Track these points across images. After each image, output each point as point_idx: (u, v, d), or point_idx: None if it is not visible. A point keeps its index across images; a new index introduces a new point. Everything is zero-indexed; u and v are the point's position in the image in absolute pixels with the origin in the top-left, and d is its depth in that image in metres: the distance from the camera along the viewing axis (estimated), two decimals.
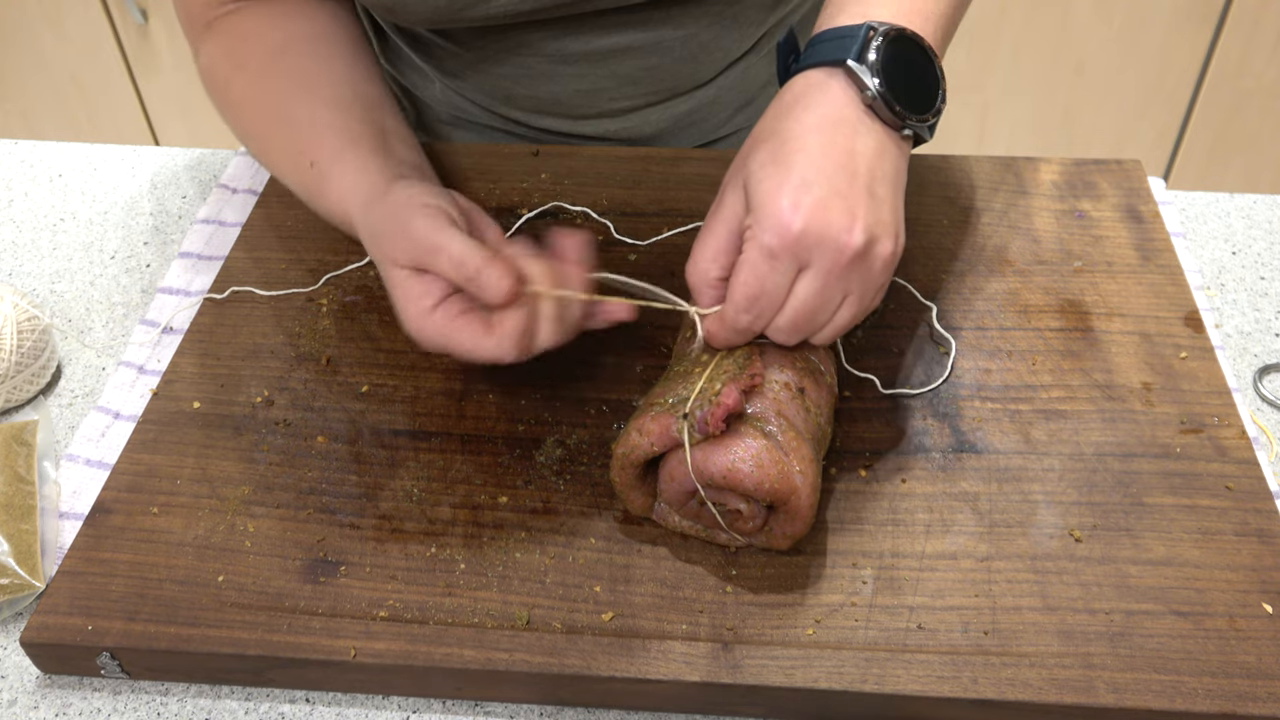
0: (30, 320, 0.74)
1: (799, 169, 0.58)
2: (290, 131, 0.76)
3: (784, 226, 0.57)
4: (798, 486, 0.57)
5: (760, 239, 0.57)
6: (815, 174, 0.57)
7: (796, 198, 0.57)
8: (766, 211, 0.57)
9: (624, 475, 0.61)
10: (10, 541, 0.64)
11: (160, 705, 0.60)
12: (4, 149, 0.96)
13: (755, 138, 0.62)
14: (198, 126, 2.04)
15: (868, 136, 0.60)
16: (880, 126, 0.61)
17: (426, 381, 0.71)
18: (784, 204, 0.57)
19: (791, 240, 0.57)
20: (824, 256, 0.57)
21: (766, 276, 0.58)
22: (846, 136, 0.59)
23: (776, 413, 0.59)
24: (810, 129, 0.59)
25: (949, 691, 0.56)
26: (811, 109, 0.60)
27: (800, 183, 0.57)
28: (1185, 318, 0.73)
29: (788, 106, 0.61)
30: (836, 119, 0.60)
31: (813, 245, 0.57)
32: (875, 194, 0.59)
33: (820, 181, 0.57)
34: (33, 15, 1.91)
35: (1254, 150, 1.89)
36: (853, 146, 0.59)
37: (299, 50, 0.79)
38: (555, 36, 0.82)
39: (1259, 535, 0.62)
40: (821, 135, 0.59)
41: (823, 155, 0.58)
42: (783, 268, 0.58)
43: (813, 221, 0.56)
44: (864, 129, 0.60)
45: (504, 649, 0.58)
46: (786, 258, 0.57)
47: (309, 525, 0.64)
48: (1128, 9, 1.76)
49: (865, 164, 0.59)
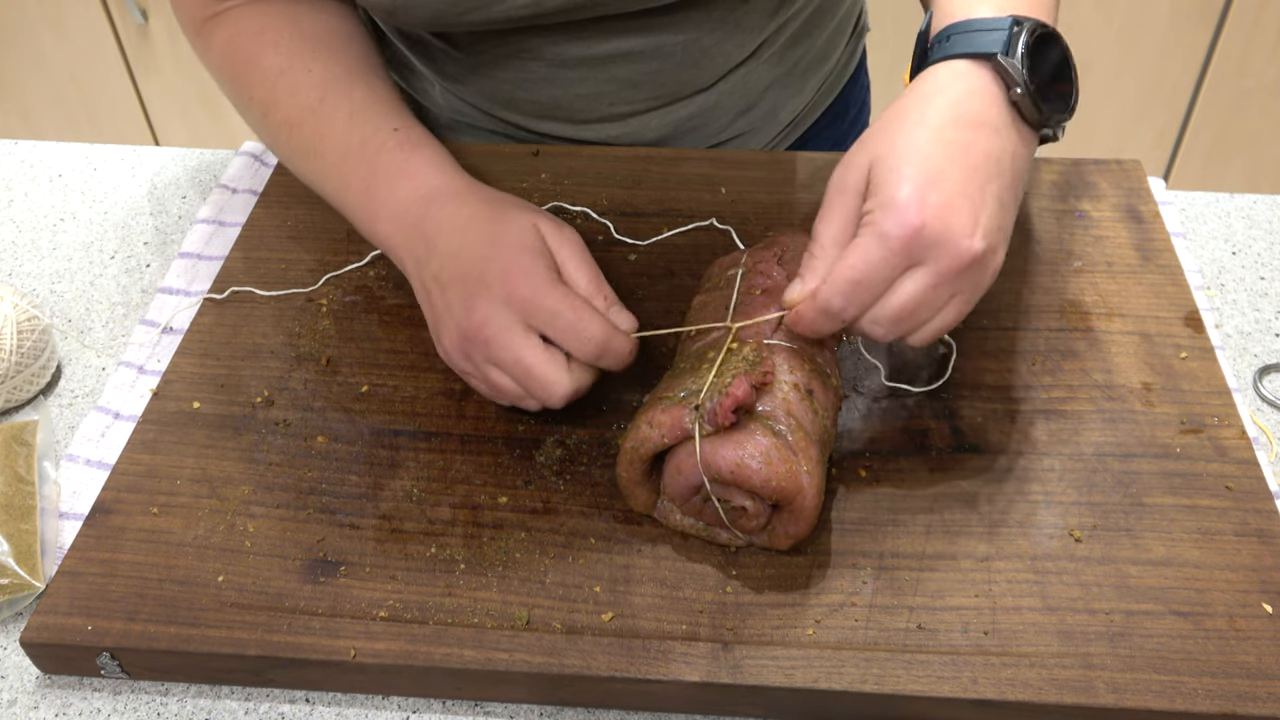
0: (30, 320, 0.74)
1: (932, 164, 0.57)
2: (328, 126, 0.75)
3: (906, 220, 0.56)
4: (804, 486, 0.57)
5: (880, 226, 0.56)
6: (947, 172, 0.57)
7: (924, 194, 0.56)
8: (891, 201, 0.56)
9: (631, 469, 0.61)
10: (10, 541, 0.64)
11: (160, 705, 0.60)
12: (4, 149, 0.96)
13: (882, 122, 0.60)
14: (198, 126, 2.04)
15: (1005, 139, 0.59)
16: (1018, 126, 0.60)
17: (426, 381, 0.71)
18: (910, 197, 0.56)
19: (910, 234, 0.56)
20: (940, 258, 0.56)
21: (875, 266, 0.57)
22: (985, 138, 0.58)
23: (786, 413, 0.59)
24: (949, 122, 0.58)
25: (949, 691, 0.56)
26: (955, 103, 0.59)
27: (930, 179, 0.56)
28: (1185, 318, 0.73)
29: (929, 95, 0.60)
30: (978, 118, 0.59)
31: (931, 244, 0.56)
32: (1002, 201, 0.58)
33: (950, 181, 0.56)
34: (33, 15, 1.91)
35: (1254, 150, 1.89)
36: (989, 149, 0.58)
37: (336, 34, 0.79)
38: (556, 41, 0.82)
39: (1259, 535, 0.62)
40: (960, 133, 0.58)
41: (958, 154, 0.57)
42: (895, 261, 0.57)
43: (936, 221, 0.56)
44: (1004, 129, 0.59)
45: (504, 649, 0.58)
46: (901, 252, 0.56)
47: (309, 525, 0.64)
48: (1128, 9, 1.76)
49: (997, 168, 0.58)
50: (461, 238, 0.67)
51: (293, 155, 0.78)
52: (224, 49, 0.79)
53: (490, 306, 0.63)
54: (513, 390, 0.64)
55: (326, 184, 0.76)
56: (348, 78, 0.77)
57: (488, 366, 0.64)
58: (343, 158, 0.74)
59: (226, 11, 0.80)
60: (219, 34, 0.79)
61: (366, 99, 0.76)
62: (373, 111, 0.75)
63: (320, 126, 0.75)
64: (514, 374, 0.63)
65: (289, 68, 0.77)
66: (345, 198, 0.74)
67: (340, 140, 0.74)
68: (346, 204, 0.74)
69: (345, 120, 0.75)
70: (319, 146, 0.75)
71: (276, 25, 0.78)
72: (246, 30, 0.78)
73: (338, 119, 0.75)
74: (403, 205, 0.71)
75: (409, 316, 0.76)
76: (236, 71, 0.79)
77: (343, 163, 0.74)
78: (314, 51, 0.77)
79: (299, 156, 0.77)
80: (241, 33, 0.79)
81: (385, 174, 0.72)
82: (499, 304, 0.63)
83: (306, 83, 0.76)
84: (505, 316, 0.63)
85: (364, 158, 0.73)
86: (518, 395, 0.65)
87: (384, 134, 0.74)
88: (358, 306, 0.77)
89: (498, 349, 0.63)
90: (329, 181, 0.75)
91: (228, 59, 0.79)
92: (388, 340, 0.74)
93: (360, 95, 0.76)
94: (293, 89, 0.76)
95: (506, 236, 0.66)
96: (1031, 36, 0.60)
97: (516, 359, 0.63)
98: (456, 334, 0.65)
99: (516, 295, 0.63)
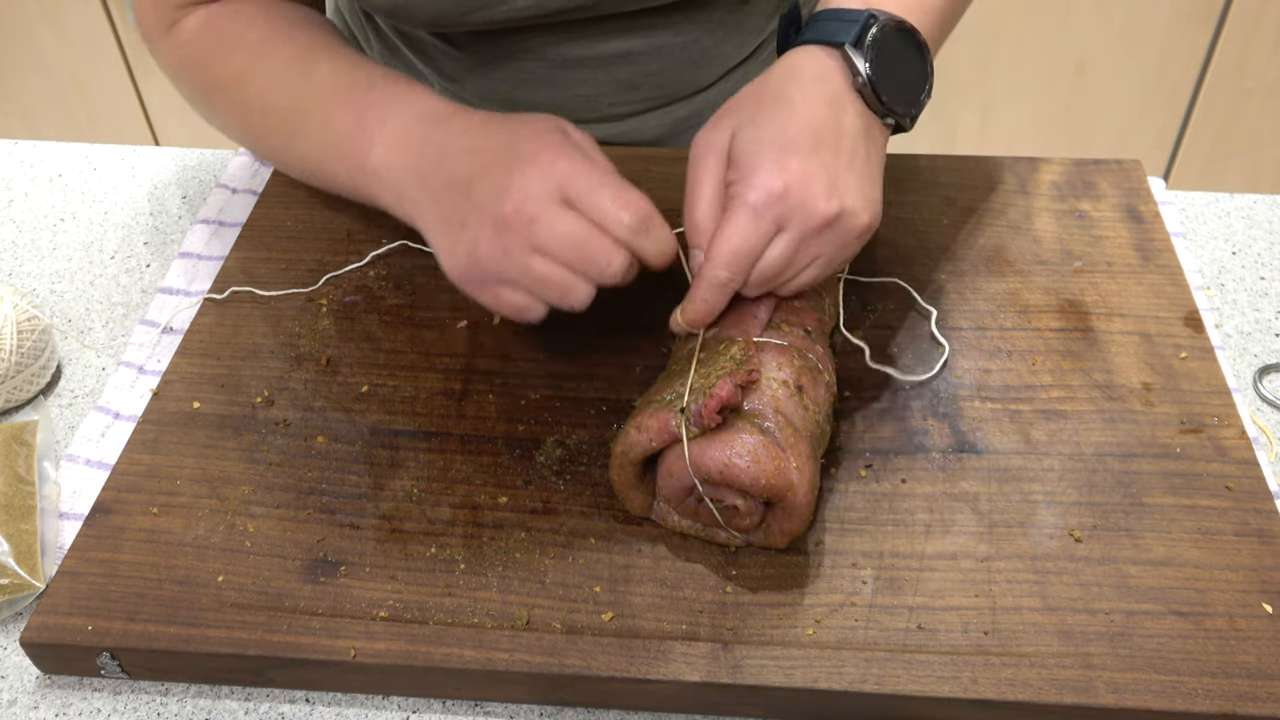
0: (30, 320, 0.74)
1: (789, 134, 0.60)
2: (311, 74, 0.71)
3: (768, 186, 0.59)
4: (794, 483, 0.57)
5: (745, 197, 0.59)
6: (802, 141, 0.60)
7: (783, 160, 0.59)
8: (753, 170, 0.60)
9: (623, 474, 0.61)
10: (10, 541, 0.64)
11: (160, 705, 0.60)
12: (4, 149, 0.96)
13: (744, 96, 0.64)
14: (198, 126, 2.02)
15: (855, 117, 0.62)
16: (866, 110, 0.63)
17: (426, 381, 0.71)
18: (770, 164, 0.59)
19: (775, 198, 0.59)
20: (801, 220, 0.60)
21: (748, 234, 0.60)
22: (835, 113, 0.62)
23: (774, 410, 0.59)
24: (802, 100, 0.62)
25: (949, 691, 0.56)
26: (805, 84, 0.62)
27: (787, 146, 0.60)
28: (1185, 318, 0.73)
29: (782, 77, 0.63)
30: (829, 96, 0.62)
31: (794, 207, 0.59)
32: (855, 168, 0.61)
33: (806, 149, 0.60)
34: (33, 15, 1.91)
35: (1254, 150, 1.89)
36: (840, 123, 0.62)
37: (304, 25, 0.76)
38: (556, 41, 0.82)
39: (1259, 535, 0.61)
40: (811, 108, 0.61)
41: (811, 126, 0.61)
42: (764, 227, 0.60)
43: (794, 184, 0.59)
44: (852, 109, 0.62)
45: (504, 649, 0.58)
46: (768, 216, 0.59)
47: (309, 525, 0.64)
48: (1128, 9, 1.76)
49: (849, 141, 0.62)
50: (480, 134, 0.64)
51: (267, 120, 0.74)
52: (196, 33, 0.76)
53: (527, 182, 0.59)
54: (559, 277, 0.60)
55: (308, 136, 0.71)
56: (330, 45, 0.74)
57: (529, 256, 0.60)
58: (329, 99, 0.70)
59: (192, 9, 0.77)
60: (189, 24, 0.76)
61: (351, 58, 0.73)
62: (361, 63, 0.72)
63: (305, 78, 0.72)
64: (563, 252, 0.59)
65: (270, 37, 0.74)
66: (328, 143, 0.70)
67: (325, 83, 0.71)
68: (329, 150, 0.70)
69: (329, 67, 0.71)
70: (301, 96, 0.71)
71: (250, 13, 0.76)
72: (219, 15, 0.76)
73: (322, 67, 0.71)
74: (399, 130, 0.67)
75: (409, 316, 0.76)
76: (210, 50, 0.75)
77: (327, 105, 0.70)
78: (292, 27, 0.75)
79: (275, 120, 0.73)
80: (214, 16, 0.76)
81: (376, 105, 0.68)
82: (536, 179, 0.59)
83: (288, 49, 0.73)
84: (546, 189, 0.59)
85: (352, 96, 0.69)
86: (564, 283, 0.60)
87: (373, 75, 0.70)
88: (358, 306, 0.77)
89: (543, 227, 0.59)
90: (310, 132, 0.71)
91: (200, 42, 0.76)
92: (388, 340, 0.74)
93: (345, 55, 0.73)
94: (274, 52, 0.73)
95: (532, 124, 0.63)
96: (882, 30, 0.63)
97: (566, 232, 0.59)
98: (489, 228, 0.60)
99: (556, 168, 0.59)
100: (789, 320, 0.65)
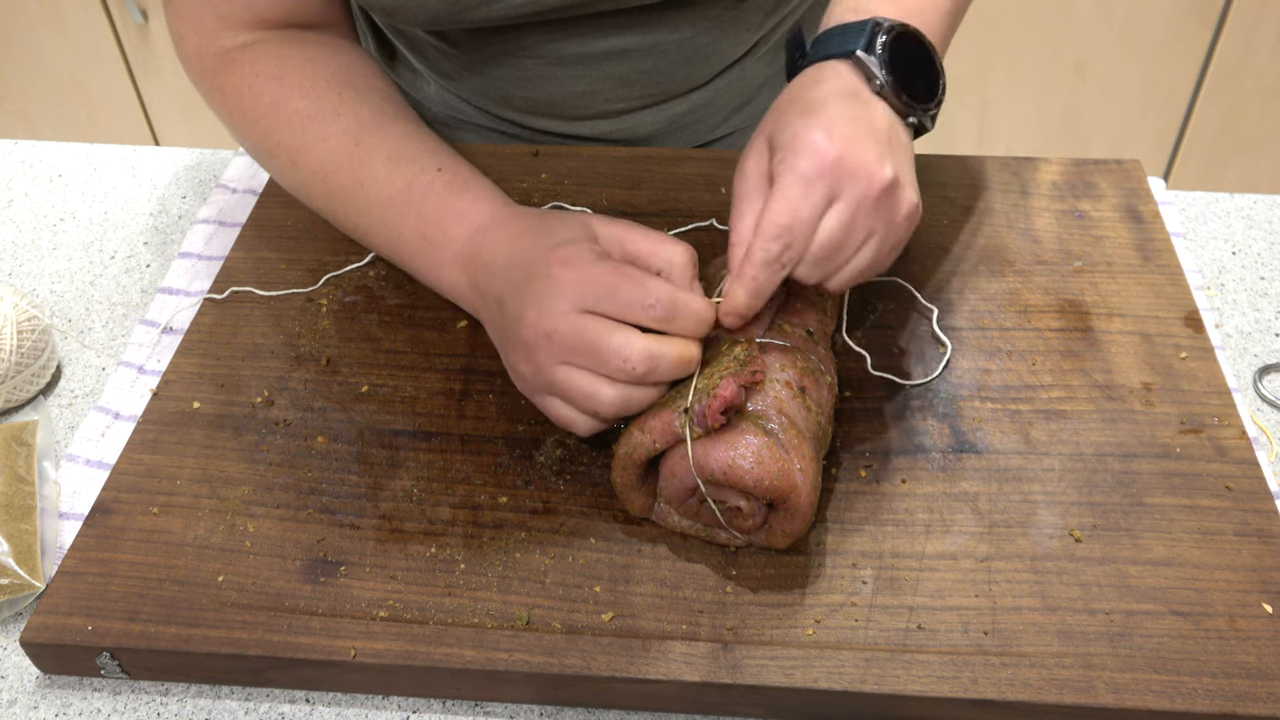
0: (30, 320, 0.74)
1: (827, 116, 0.59)
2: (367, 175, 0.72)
3: (819, 153, 0.58)
4: (798, 484, 0.57)
5: (795, 166, 0.58)
6: (844, 123, 0.59)
7: (830, 130, 0.58)
8: (800, 143, 0.58)
9: (625, 475, 0.61)
10: (10, 541, 0.64)
11: (160, 705, 0.60)
12: (4, 149, 0.96)
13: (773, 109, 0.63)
14: (198, 127, 2.04)
15: (883, 114, 0.62)
16: (890, 110, 0.63)
17: (426, 381, 0.71)
18: (818, 135, 0.58)
19: (827, 166, 0.58)
20: (855, 187, 0.58)
21: (799, 204, 0.58)
22: (864, 107, 0.61)
23: (778, 411, 0.59)
24: (830, 96, 0.61)
25: (949, 691, 0.56)
26: (828, 90, 0.62)
27: (831, 121, 0.59)
28: (1185, 318, 0.73)
29: (807, 85, 0.63)
30: (853, 92, 0.62)
31: (846, 175, 0.58)
32: (897, 151, 0.61)
33: (851, 126, 0.59)
34: (33, 15, 1.91)
35: (1254, 150, 1.89)
36: (872, 114, 0.61)
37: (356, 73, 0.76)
38: (552, 39, 0.82)
39: (1259, 535, 0.62)
40: (842, 102, 0.61)
41: (847, 113, 0.60)
42: (817, 195, 0.58)
43: (847, 151, 0.58)
44: (879, 108, 0.62)
45: (504, 649, 0.58)
46: (820, 185, 0.58)
47: (309, 525, 0.64)
48: (1128, 9, 1.76)
49: (885, 130, 0.61)
50: (517, 247, 0.64)
51: (330, 204, 0.75)
52: (241, 93, 0.76)
53: (541, 303, 0.59)
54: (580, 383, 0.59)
55: (373, 234, 0.73)
56: (378, 120, 0.74)
57: (556, 370, 0.59)
58: (388, 205, 0.71)
59: (237, 52, 0.76)
60: (233, 78, 0.76)
61: (402, 139, 0.73)
62: (412, 152, 0.72)
63: (358, 174, 0.72)
64: (584, 357, 0.58)
65: (316, 112, 0.73)
66: (399, 248, 0.72)
67: (382, 187, 0.71)
68: (402, 254, 0.72)
69: (385, 165, 0.72)
70: (359, 195, 0.72)
71: (296, 69, 0.75)
72: (264, 73, 0.75)
73: (376, 164, 0.72)
74: (459, 246, 0.68)
75: (409, 316, 0.76)
76: (259, 116, 0.75)
77: (388, 210, 0.71)
78: (339, 94, 0.74)
79: (338, 205, 0.74)
80: (259, 75, 0.75)
81: (436, 219, 0.69)
82: (550, 298, 0.59)
83: (337, 127, 0.73)
84: (562, 305, 0.59)
85: (411, 202, 0.70)
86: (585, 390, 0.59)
87: (429, 174, 0.71)
88: (358, 306, 0.77)
89: (558, 341, 0.59)
90: (375, 232, 0.73)
91: (246, 104, 0.75)
92: (388, 340, 0.74)
93: (395, 135, 0.73)
94: (323, 135, 0.73)
95: (555, 235, 0.63)
96: (890, 34, 0.63)
97: (581, 341, 0.58)
98: (521, 348, 0.61)
99: (565, 281, 0.59)
100: (791, 321, 0.65)
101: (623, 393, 0.59)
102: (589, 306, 0.59)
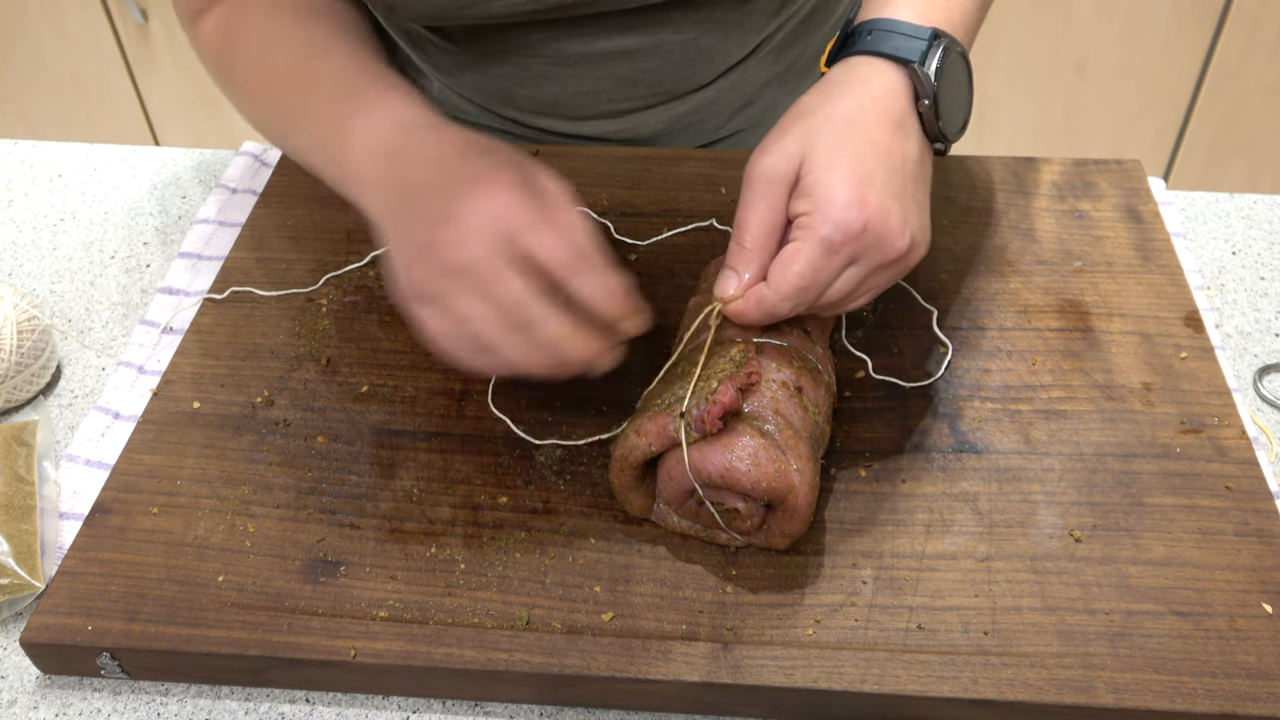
0: (30, 320, 0.74)
1: (865, 164, 0.59)
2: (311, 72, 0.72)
3: (847, 222, 0.58)
4: (795, 485, 0.57)
5: (821, 231, 0.59)
6: (878, 174, 0.59)
7: (862, 195, 0.58)
8: (830, 204, 0.58)
9: (623, 477, 0.61)
10: (10, 541, 0.64)
11: (160, 705, 0.60)
12: (4, 149, 0.96)
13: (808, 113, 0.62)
14: (198, 126, 2.04)
15: (915, 143, 0.63)
16: (923, 134, 0.63)
17: (426, 381, 0.71)
18: (849, 199, 0.58)
19: (853, 235, 0.58)
20: (875, 257, 0.59)
21: (820, 270, 0.59)
22: (901, 139, 0.61)
23: (774, 411, 0.59)
24: (875, 121, 0.61)
25: (949, 691, 0.56)
26: (877, 100, 0.62)
27: (865, 180, 0.59)
28: (1185, 318, 0.73)
29: (852, 86, 0.63)
30: (895, 118, 0.62)
31: (871, 243, 0.59)
32: (919, 200, 0.62)
33: (881, 183, 0.59)
34: (33, 15, 1.91)
35: (1254, 150, 1.89)
36: (908, 151, 0.62)
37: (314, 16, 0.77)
38: (555, 38, 0.82)
39: (1259, 535, 0.62)
40: (885, 134, 0.61)
41: (885, 155, 0.60)
42: (838, 264, 0.59)
43: (874, 220, 0.58)
44: (914, 134, 0.63)
45: (504, 649, 0.58)
46: (844, 254, 0.59)
47: (309, 525, 0.64)
48: (1128, 9, 1.76)
49: (913, 169, 0.62)
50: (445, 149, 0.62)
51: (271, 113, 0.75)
52: (215, 28, 0.78)
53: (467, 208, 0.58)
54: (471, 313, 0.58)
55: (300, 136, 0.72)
56: (333, 35, 0.75)
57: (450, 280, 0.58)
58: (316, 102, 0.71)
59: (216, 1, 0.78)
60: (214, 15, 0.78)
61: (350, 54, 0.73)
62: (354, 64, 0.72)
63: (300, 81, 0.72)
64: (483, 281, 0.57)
65: (279, 32, 0.75)
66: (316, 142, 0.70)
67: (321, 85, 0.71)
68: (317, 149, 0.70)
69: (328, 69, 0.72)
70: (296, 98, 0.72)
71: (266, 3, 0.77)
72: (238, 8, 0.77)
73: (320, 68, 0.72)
74: (377, 135, 0.66)
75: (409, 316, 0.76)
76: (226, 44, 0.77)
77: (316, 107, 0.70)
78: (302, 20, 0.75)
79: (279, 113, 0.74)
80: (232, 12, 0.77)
81: (361, 109, 0.68)
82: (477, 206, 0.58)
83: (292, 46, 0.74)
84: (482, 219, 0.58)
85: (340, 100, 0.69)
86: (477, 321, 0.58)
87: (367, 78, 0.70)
88: (358, 306, 0.77)
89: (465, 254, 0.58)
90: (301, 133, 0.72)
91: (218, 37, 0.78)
92: (388, 340, 0.74)
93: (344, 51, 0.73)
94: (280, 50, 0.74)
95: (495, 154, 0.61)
96: (947, 54, 0.63)
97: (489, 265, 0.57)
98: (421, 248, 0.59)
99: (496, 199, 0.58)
100: (788, 321, 0.65)
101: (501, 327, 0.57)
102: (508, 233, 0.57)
